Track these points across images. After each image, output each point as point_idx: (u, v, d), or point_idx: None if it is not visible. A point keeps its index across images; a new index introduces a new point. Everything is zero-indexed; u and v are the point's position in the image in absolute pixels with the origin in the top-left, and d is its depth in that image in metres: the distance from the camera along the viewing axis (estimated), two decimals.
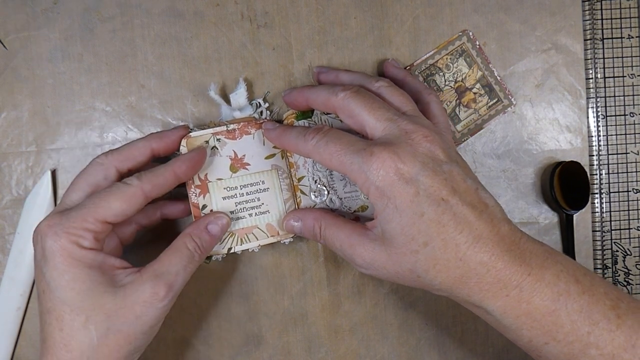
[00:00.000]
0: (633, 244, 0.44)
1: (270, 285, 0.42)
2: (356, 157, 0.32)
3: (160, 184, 0.34)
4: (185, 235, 0.35)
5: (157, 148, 0.36)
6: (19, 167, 0.40)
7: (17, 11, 0.40)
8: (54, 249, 0.31)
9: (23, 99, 0.40)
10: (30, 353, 0.41)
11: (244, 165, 0.39)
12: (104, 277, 0.32)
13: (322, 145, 0.34)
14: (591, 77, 0.43)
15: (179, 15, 0.40)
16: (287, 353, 0.42)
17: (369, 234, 0.34)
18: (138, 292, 0.32)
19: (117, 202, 0.32)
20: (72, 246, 0.31)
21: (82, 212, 0.32)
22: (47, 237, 0.32)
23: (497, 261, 0.31)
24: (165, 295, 0.32)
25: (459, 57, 0.42)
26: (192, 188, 0.38)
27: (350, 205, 0.40)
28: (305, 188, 0.39)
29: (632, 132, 0.43)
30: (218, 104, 0.40)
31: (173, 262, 0.34)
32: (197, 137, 0.38)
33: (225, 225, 0.37)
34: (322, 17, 0.41)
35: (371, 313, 0.42)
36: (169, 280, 0.33)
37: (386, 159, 0.31)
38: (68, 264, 0.31)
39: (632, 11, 0.43)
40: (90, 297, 0.31)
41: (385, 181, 0.31)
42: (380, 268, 0.33)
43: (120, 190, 0.33)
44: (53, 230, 0.32)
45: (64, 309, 0.31)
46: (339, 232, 0.35)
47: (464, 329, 0.43)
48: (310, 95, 0.37)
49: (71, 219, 0.32)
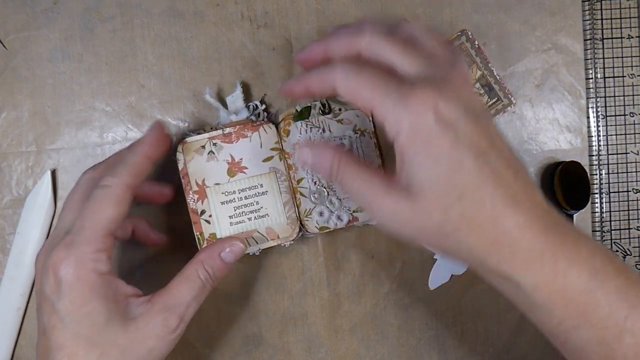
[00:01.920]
0: (633, 244, 0.44)
1: (270, 285, 0.42)
2: (392, 91, 0.28)
3: (139, 172, 0.32)
4: (197, 263, 0.34)
5: (155, 154, 0.34)
6: (19, 167, 0.40)
7: (17, 11, 0.40)
8: (71, 282, 0.30)
9: (23, 99, 0.40)
10: (30, 353, 0.41)
11: (242, 169, 0.38)
12: (118, 309, 0.31)
13: (352, 73, 0.29)
14: (591, 77, 0.43)
15: (179, 15, 0.40)
16: (287, 353, 0.42)
17: (392, 183, 0.30)
18: (150, 325, 0.31)
19: (109, 209, 0.31)
20: (90, 274, 0.30)
21: (87, 234, 0.31)
22: (62, 270, 0.30)
23: (534, 226, 0.28)
24: (177, 327, 0.32)
25: None
26: (190, 194, 0.38)
27: (349, 205, 0.40)
28: (305, 190, 0.39)
29: (632, 132, 0.43)
30: (215, 107, 0.40)
31: (184, 293, 0.33)
32: (193, 142, 0.38)
33: (240, 251, 0.35)
34: (322, 17, 0.41)
35: (371, 313, 0.42)
36: (180, 312, 0.32)
37: (429, 96, 0.27)
38: (86, 296, 0.30)
39: (632, 11, 0.43)
40: (105, 331, 0.30)
41: (420, 122, 0.27)
42: (403, 223, 0.29)
43: (106, 195, 0.31)
44: (66, 262, 0.30)
45: (78, 345, 0.30)
46: (358, 173, 0.31)
47: (464, 329, 0.43)
48: (312, 75, 0.32)
49: (81, 246, 0.30)
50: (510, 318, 0.43)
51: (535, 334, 0.43)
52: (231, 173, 0.38)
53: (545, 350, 0.43)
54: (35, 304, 0.33)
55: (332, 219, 0.40)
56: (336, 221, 0.40)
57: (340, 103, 0.40)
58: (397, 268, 0.42)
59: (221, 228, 0.38)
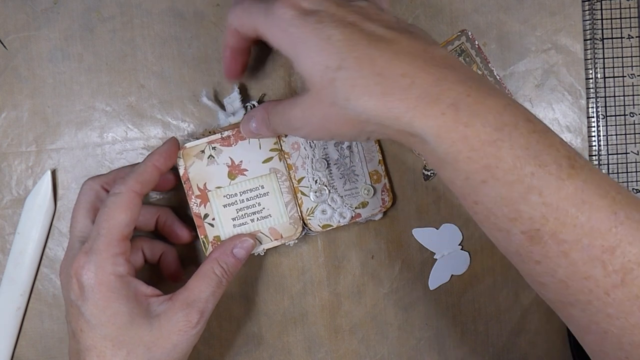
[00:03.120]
0: None
1: (270, 285, 0.42)
2: (263, 7, 0.30)
3: (146, 180, 0.34)
4: (212, 261, 0.36)
5: (163, 166, 0.36)
6: (19, 167, 0.40)
7: (17, 11, 0.40)
8: (93, 286, 0.32)
9: (23, 99, 0.40)
10: (30, 353, 0.41)
11: (242, 172, 0.39)
12: (140, 308, 0.33)
13: (238, 8, 0.32)
14: (591, 77, 0.43)
15: (179, 15, 0.40)
16: (287, 353, 0.42)
17: (298, 96, 0.31)
18: (172, 321, 0.33)
19: (122, 214, 0.33)
20: (111, 278, 0.32)
21: (102, 240, 0.32)
22: (83, 275, 0.32)
23: (422, 73, 0.27)
24: (198, 322, 0.34)
25: (458, 56, 0.42)
26: (193, 198, 0.38)
27: (351, 202, 0.40)
28: (306, 189, 0.39)
29: (632, 132, 0.43)
30: (212, 110, 0.40)
31: (202, 289, 0.34)
32: (193, 147, 0.38)
33: (251, 247, 0.38)
34: None
35: (371, 313, 0.42)
36: (200, 307, 0.34)
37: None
38: (108, 298, 0.32)
39: (632, 11, 0.43)
40: (130, 331, 0.32)
41: (287, 21, 0.29)
42: (313, 120, 0.30)
43: (117, 202, 0.33)
44: (87, 267, 0.32)
45: (105, 345, 0.32)
46: (279, 110, 0.33)
47: (464, 329, 0.43)
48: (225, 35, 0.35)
49: (99, 252, 0.32)
50: (510, 318, 0.43)
51: (536, 334, 0.43)
52: (232, 176, 0.38)
53: (545, 350, 0.43)
54: (64, 311, 0.36)
55: (335, 216, 0.40)
56: (339, 218, 0.40)
57: None
58: (397, 268, 0.42)
59: (225, 230, 0.38)
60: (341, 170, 0.40)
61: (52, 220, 0.40)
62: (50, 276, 0.41)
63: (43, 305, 0.41)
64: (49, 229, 0.40)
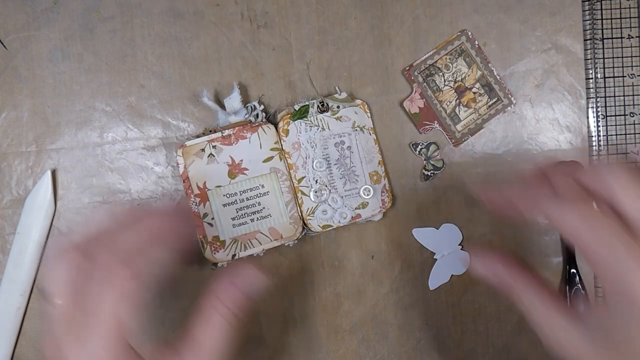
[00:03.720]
0: None
1: (270, 285, 0.42)
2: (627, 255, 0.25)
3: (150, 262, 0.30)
4: (216, 303, 0.31)
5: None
6: (19, 167, 0.40)
7: (17, 11, 0.40)
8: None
9: (23, 99, 0.40)
10: (30, 353, 0.41)
11: (242, 171, 0.38)
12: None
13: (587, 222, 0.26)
14: (591, 77, 0.43)
15: (179, 15, 0.40)
16: (287, 353, 0.42)
17: (577, 320, 0.28)
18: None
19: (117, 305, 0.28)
20: None
21: (97, 331, 0.28)
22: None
23: None
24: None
25: (458, 57, 0.42)
26: (192, 197, 0.38)
27: (351, 203, 0.40)
28: (306, 189, 0.39)
29: (632, 132, 0.43)
30: (212, 109, 0.40)
31: (212, 338, 0.30)
32: (193, 146, 0.38)
33: (256, 277, 0.32)
34: (322, 17, 0.41)
35: (371, 313, 0.42)
36: (213, 358, 0.30)
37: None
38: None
39: (632, 11, 0.43)
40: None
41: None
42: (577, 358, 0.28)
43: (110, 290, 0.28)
44: (82, 356, 0.27)
45: None
46: (535, 298, 0.30)
47: (464, 329, 0.43)
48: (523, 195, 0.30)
49: (93, 341, 0.27)
50: (510, 318, 0.43)
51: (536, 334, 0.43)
52: (232, 175, 0.38)
53: (546, 350, 0.43)
54: None
55: (335, 216, 0.40)
56: (339, 218, 0.40)
57: (338, 101, 0.40)
58: (397, 268, 0.42)
59: (224, 230, 0.38)
60: (341, 171, 0.40)
61: (52, 220, 0.40)
62: None
63: (43, 305, 0.41)
64: (49, 229, 0.40)
